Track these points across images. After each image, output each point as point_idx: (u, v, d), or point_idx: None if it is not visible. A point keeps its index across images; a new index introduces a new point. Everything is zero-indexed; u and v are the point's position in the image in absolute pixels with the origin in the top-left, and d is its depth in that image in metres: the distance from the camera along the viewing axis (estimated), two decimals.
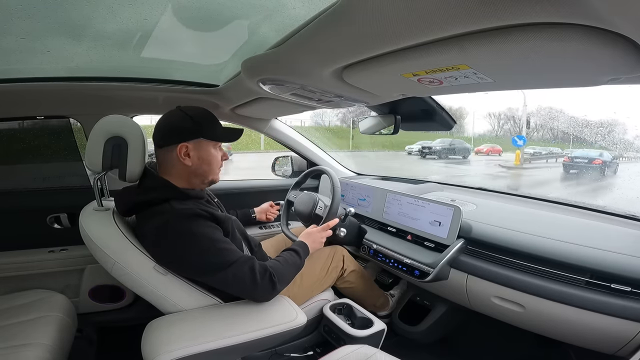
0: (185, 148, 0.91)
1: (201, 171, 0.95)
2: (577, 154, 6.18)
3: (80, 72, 1.23)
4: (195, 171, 0.94)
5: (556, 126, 14.08)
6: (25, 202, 1.37)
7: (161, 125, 0.94)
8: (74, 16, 0.83)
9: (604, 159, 5.71)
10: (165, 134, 0.93)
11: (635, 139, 6.72)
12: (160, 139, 0.93)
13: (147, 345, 0.79)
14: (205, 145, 0.94)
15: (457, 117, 9.71)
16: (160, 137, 0.93)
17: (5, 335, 0.95)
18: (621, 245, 0.93)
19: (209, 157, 0.96)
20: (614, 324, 0.83)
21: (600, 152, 5.96)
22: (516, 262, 1.01)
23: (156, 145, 0.94)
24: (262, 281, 0.87)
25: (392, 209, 1.43)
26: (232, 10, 0.84)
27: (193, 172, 0.94)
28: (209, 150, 0.95)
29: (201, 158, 0.94)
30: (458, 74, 0.65)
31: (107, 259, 0.87)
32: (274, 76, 0.89)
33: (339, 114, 16.90)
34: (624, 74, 0.55)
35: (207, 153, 0.95)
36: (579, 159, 5.85)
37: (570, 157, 6.15)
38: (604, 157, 5.75)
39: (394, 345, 1.17)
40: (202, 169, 0.95)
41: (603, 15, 0.39)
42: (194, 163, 0.93)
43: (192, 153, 0.92)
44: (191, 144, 0.92)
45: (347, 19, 0.54)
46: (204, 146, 0.94)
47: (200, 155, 0.94)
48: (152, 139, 0.96)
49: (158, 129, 0.94)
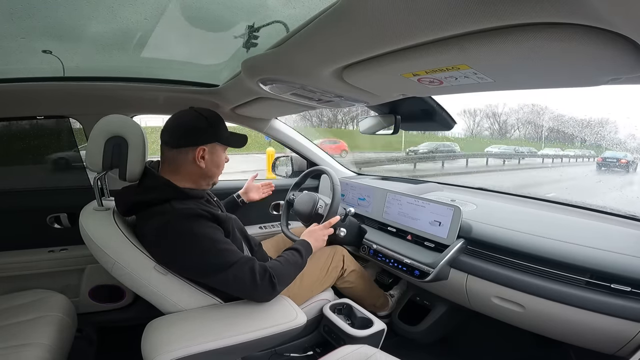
0: (202, 151, 0.93)
1: (211, 173, 0.98)
2: (607, 155, 7.33)
3: (80, 72, 1.24)
4: (207, 173, 0.96)
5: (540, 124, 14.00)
6: (25, 202, 1.37)
7: (175, 125, 0.93)
8: (74, 16, 0.83)
9: (628, 159, 6.85)
10: (182, 135, 0.92)
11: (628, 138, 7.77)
12: (175, 140, 0.92)
13: (147, 345, 0.79)
14: (218, 149, 0.97)
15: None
16: (175, 137, 0.92)
17: (5, 335, 0.95)
18: (621, 246, 0.93)
19: (219, 161, 0.99)
20: (613, 324, 0.83)
21: (625, 154, 7.05)
22: (516, 262, 1.01)
23: (168, 145, 0.93)
24: (262, 282, 0.87)
25: (392, 209, 1.43)
26: (232, 10, 0.84)
27: (204, 174, 0.96)
28: (221, 153, 0.98)
29: (214, 161, 0.97)
30: (458, 74, 0.65)
31: (107, 259, 0.87)
32: (274, 76, 0.89)
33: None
34: (624, 74, 0.55)
35: (219, 157, 0.98)
36: (610, 159, 7.08)
37: (602, 157, 7.36)
38: (627, 157, 6.91)
39: (394, 345, 1.17)
40: (212, 171, 0.98)
41: (603, 15, 0.39)
42: (207, 166, 0.95)
43: (207, 156, 0.94)
44: (208, 147, 0.93)
45: (347, 19, 0.54)
46: (217, 150, 0.97)
47: (213, 158, 0.96)
48: (160, 137, 0.95)
49: (172, 129, 0.93)
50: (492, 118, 16.70)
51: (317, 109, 1.37)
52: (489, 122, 16.99)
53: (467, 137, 16.73)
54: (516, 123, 15.41)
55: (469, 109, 16.92)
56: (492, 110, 16.55)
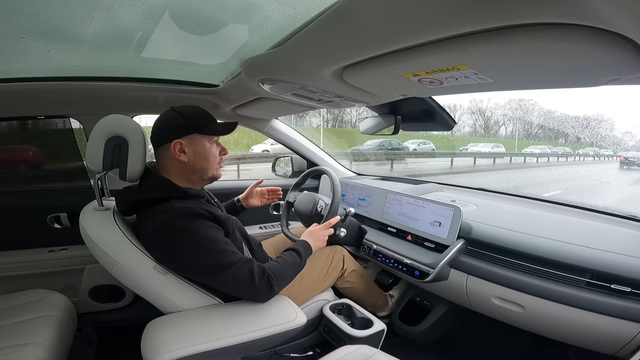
0: (179, 145, 0.93)
1: (199, 167, 0.96)
2: (629, 155, 8.24)
3: (80, 72, 1.23)
4: (193, 167, 0.96)
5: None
6: (25, 202, 1.37)
7: (156, 125, 0.96)
8: (75, 16, 0.83)
9: None
10: (160, 133, 0.95)
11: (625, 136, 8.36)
12: (156, 139, 0.95)
13: (146, 345, 0.79)
14: (199, 140, 0.95)
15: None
16: (156, 137, 0.95)
17: (5, 334, 0.95)
18: (621, 246, 0.93)
19: (205, 152, 0.97)
20: (613, 325, 0.83)
21: None
22: (516, 262, 1.01)
23: (153, 146, 0.97)
24: (259, 283, 0.88)
25: (392, 209, 1.43)
26: (232, 10, 0.84)
27: (191, 168, 0.96)
28: (204, 145, 0.96)
29: (197, 153, 0.95)
30: (458, 74, 0.65)
31: (107, 259, 0.87)
32: (274, 76, 0.89)
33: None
34: (625, 74, 0.55)
35: (202, 148, 0.96)
36: (632, 158, 8.02)
37: (625, 157, 8.13)
38: None
39: (394, 345, 1.16)
40: (200, 164, 0.96)
41: (603, 16, 0.39)
42: (190, 159, 0.94)
43: (187, 149, 0.94)
44: (185, 140, 0.93)
45: (348, 19, 0.54)
46: (198, 141, 0.95)
47: (196, 150, 0.95)
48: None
49: (154, 130, 0.96)
50: (477, 114, 16.07)
51: (317, 109, 1.37)
52: (472, 119, 16.39)
53: (449, 134, 15.46)
54: (502, 119, 14.88)
55: (449, 104, 16.14)
56: (477, 107, 15.83)
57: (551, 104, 16.07)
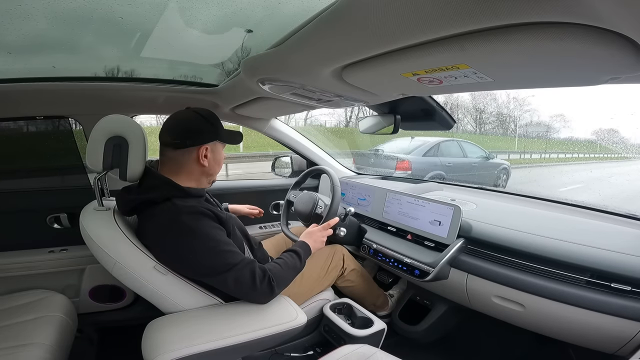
0: (205, 150, 0.94)
1: (212, 171, 0.99)
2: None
3: (80, 72, 1.24)
4: (208, 171, 0.98)
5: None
6: (25, 202, 1.37)
7: (175, 125, 0.93)
8: (74, 16, 0.83)
9: None
10: (184, 135, 0.92)
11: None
12: (177, 140, 0.92)
13: (147, 345, 0.79)
14: (219, 146, 0.99)
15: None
16: (177, 137, 0.92)
17: (6, 335, 0.95)
18: (621, 245, 0.93)
19: (220, 158, 1.00)
20: (614, 323, 0.83)
21: None
22: (516, 261, 1.01)
23: (169, 146, 0.93)
24: (260, 285, 0.88)
25: (392, 208, 1.43)
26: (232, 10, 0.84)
27: (207, 172, 0.97)
28: (221, 151, 1.00)
29: (215, 159, 0.98)
30: (458, 74, 0.65)
31: (107, 259, 0.87)
32: (273, 76, 0.89)
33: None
34: (624, 73, 0.55)
35: (220, 154, 1.00)
36: None
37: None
38: None
39: (394, 344, 1.17)
40: (214, 169, 0.99)
41: (603, 15, 0.39)
42: (209, 164, 0.96)
43: (210, 155, 0.95)
44: (210, 145, 0.95)
45: (347, 18, 0.54)
46: (218, 147, 0.98)
47: (215, 156, 0.98)
48: (159, 139, 0.95)
49: (172, 129, 0.93)
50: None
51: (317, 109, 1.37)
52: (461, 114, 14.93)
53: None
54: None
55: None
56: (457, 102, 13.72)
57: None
